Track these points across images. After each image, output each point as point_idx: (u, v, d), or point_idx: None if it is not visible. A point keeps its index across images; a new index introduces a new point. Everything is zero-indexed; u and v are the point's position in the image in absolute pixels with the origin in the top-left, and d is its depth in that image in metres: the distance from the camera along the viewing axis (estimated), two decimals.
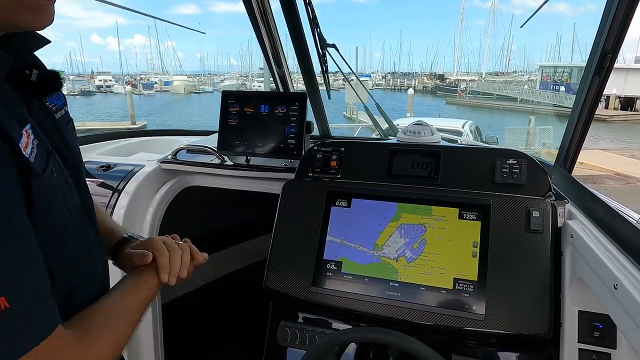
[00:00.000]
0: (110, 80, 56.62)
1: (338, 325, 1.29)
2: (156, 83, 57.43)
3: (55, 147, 0.70)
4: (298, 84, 2.34)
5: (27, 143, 0.59)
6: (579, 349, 1.07)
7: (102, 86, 52.86)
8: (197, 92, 52.90)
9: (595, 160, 12.20)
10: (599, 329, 1.05)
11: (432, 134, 1.50)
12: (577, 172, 1.23)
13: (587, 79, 1.13)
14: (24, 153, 0.57)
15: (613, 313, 0.87)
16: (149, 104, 38.64)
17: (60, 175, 0.67)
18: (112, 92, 50.21)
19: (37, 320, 0.56)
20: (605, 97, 28.93)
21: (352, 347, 1.25)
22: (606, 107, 29.05)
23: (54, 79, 0.73)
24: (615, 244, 0.91)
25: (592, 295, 1.02)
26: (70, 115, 0.83)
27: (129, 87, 32.58)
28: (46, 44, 0.73)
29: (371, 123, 2.32)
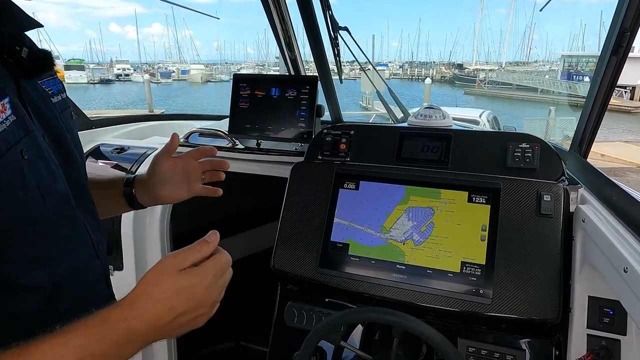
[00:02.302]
0: (129, 69, 57.28)
1: (345, 306, 1.29)
2: (174, 72, 57.91)
3: (48, 130, 0.68)
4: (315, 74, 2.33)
5: None
6: (588, 334, 1.05)
7: (121, 75, 53.54)
8: (214, 81, 53.17)
9: (618, 152, 11.88)
10: (609, 315, 1.03)
11: (444, 118, 1.47)
12: (598, 164, 1.20)
13: (605, 58, 1.09)
14: None
15: (623, 298, 0.85)
16: (166, 93, 39.01)
17: (38, 159, 0.62)
18: (131, 80, 50.86)
19: None
20: (631, 88, 27.99)
21: (357, 328, 1.25)
22: (631, 98, 28.11)
23: (45, 59, 0.68)
24: (628, 227, 0.89)
25: (603, 280, 1.00)
26: (69, 103, 0.80)
27: (147, 76, 32.91)
28: (38, 26, 0.70)
29: (385, 111, 2.30)
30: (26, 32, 0.69)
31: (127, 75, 53.38)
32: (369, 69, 2.56)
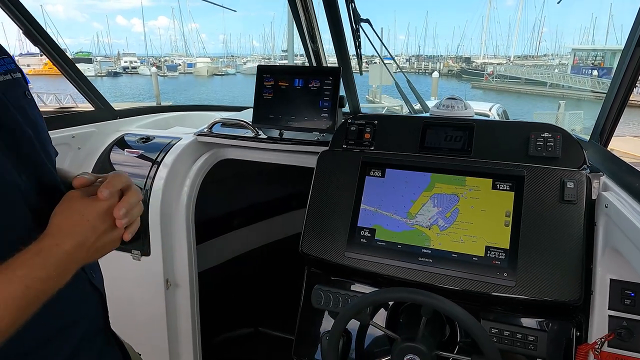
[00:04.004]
0: (136, 62, 57.37)
1: (370, 289, 1.34)
2: (180, 65, 57.90)
3: None
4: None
5: None
6: (609, 315, 1.09)
7: (128, 67, 53.64)
8: (220, 74, 53.14)
9: (629, 147, 11.79)
10: (630, 297, 1.07)
11: (466, 108, 1.51)
12: None
13: (629, 50, 1.12)
14: None
15: None
16: (172, 87, 39.06)
17: None
18: (138, 73, 50.98)
19: None
20: None
21: (381, 310, 1.30)
22: None
23: None
24: None
25: (625, 264, 1.04)
26: (25, 83, 0.79)
27: (154, 69, 32.97)
28: None
29: (393, 105, 2.34)
30: None
31: (134, 68, 53.47)
32: (377, 62, 2.59)
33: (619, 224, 1.02)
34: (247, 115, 1.92)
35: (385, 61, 2.64)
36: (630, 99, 1.23)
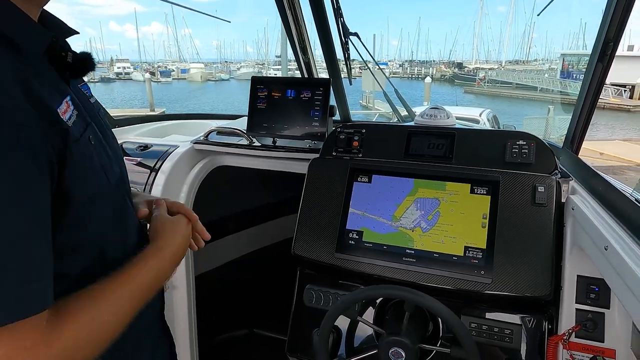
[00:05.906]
0: (129, 68, 57.37)
1: (358, 288, 1.42)
2: (173, 71, 57.97)
3: (96, 124, 0.77)
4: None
5: (66, 110, 0.64)
6: (576, 309, 1.19)
7: (121, 73, 53.65)
8: (213, 80, 53.25)
9: (616, 150, 12.02)
10: (594, 291, 1.17)
11: (448, 118, 1.61)
12: (597, 163, 1.33)
13: (592, 65, 1.23)
14: (62, 117, 0.62)
15: (605, 274, 0.98)
16: (165, 94, 39.00)
17: (99, 144, 0.72)
18: (132, 79, 50.95)
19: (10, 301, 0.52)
20: (630, 87, 28.10)
21: (371, 303, 1.39)
22: (631, 97, 28.20)
23: (87, 61, 0.77)
24: (609, 212, 1.02)
25: (590, 261, 1.14)
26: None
27: (147, 75, 33.00)
28: (75, 33, 0.80)
29: (387, 111, 2.44)
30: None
31: (127, 74, 53.46)
32: (369, 68, 2.69)
33: (583, 224, 1.11)
34: (241, 124, 2.00)
35: (378, 66, 2.74)
36: (619, 103, 1.33)
